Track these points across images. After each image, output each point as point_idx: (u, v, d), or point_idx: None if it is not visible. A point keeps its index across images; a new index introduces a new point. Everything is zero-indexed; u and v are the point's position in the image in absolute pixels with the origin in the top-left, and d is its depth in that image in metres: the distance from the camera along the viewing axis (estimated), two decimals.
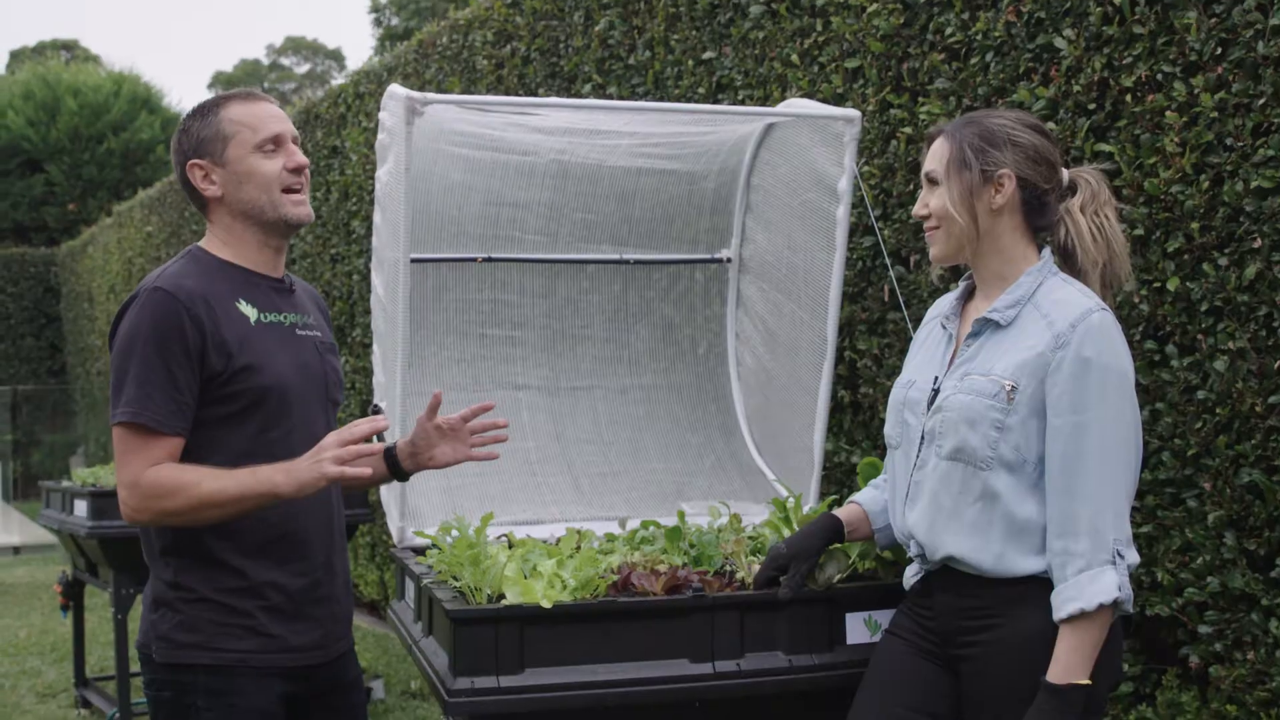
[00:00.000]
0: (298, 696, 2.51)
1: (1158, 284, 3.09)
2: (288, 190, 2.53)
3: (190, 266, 2.50)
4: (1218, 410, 2.97)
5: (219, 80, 48.81)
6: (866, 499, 2.64)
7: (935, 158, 2.44)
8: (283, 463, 2.38)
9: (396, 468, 2.74)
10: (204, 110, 2.56)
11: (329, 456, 2.35)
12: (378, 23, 26.55)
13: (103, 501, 5.53)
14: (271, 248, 2.58)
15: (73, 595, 6.30)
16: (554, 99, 3.55)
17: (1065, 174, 2.44)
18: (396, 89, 3.20)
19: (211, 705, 2.40)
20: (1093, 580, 2.19)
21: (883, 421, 3.92)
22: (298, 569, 2.50)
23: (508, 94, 5.87)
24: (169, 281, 2.43)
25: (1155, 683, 3.22)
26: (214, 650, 2.41)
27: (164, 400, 2.37)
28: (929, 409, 2.41)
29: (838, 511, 2.62)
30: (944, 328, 2.50)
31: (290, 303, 2.60)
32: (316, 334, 2.63)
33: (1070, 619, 2.20)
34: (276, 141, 2.53)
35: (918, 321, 3.63)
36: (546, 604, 2.40)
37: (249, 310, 2.49)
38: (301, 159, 2.56)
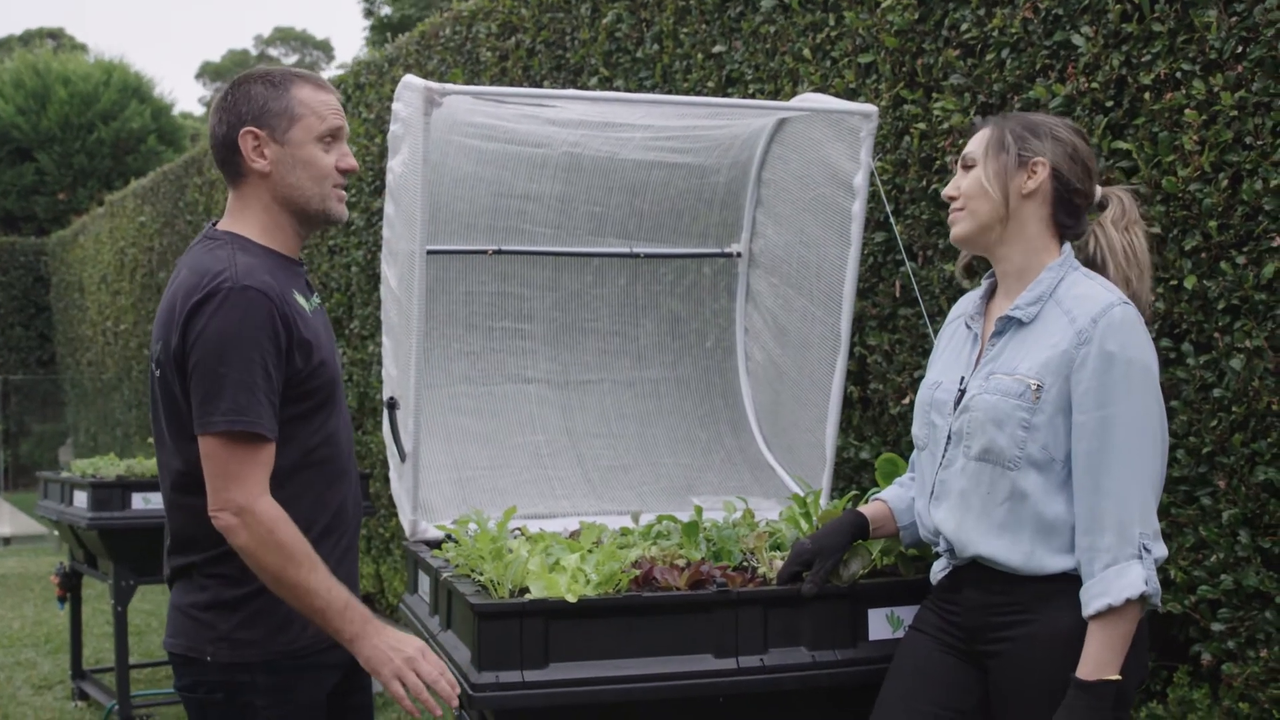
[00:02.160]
0: (333, 691, 2.50)
1: (1174, 282, 3.09)
2: (334, 187, 2.49)
3: (252, 259, 2.38)
4: (1233, 408, 2.97)
5: (206, 71, 48.67)
6: (892, 496, 2.64)
7: (976, 142, 2.48)
8: (369, 620, 2.31)
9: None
10: (273, 80, 2.45)
11: (396, 671, 2.28)
12: (368, 13, 26.45)
13: (103, 493, 5.51)
14: (300, 235, 2.52)
15: (70, 587, 6.27)
16: (572, 91, 3.53)
17: (1099, 189, 2.46)
18: (413, 80, 3.17)
19: (271, 702, 2.37)
20: (1119, 575, 2.20)
21: (893, 418, 3.94)
22: (338, 542, 2.48)
23: (512, 86, 5.86)
24: (252, 279, 2.31)
25: (1167, 680, 3.23)
26: (279, 645, 2.38)
27: (267, 405, 2.29)
28: (955, 409, 2.41)
29: (862, 508, 2.62)
30: (968, 327, 2.50)
31: (309, 285, 2.56)
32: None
33: (1099, 614, 2.20)
34: (335, 135, 2.48)
35: (930, 317, 3.64)
36: (571, 598, 2.40)
37: (302, 301, 2.43)
38: (353, 162, 2.50)
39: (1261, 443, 2.93)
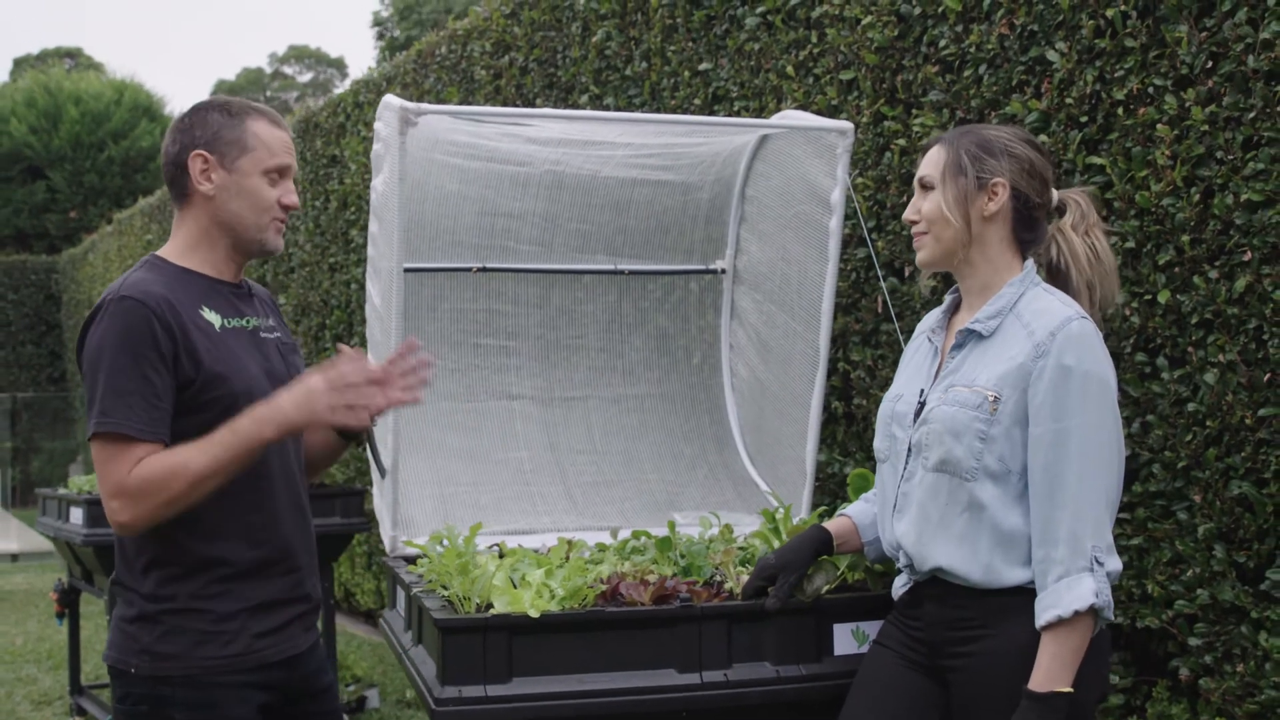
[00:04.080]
0: (272, 706, 2.49)
1: (1148, 296, 3.10)
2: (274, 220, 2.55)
3: (151, 274, 2.47)
4: (1208, 423, 2.97)
5: (221, 89, 48.93)
6: (857, 512, 2.64)
7: (930, 163, 2.46)
8: (260, 410, 2.37)
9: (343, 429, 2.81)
10: (231, 110, 2.54)
11: (329, 406, 2.36)
12: (380, 35, 26.66)
13: (98, 509, 5.53)
14: (236, 261, 2.58)
15: (69, 603, 6.30)
16: (548, 110, 3.56)
17: (1055, 194, 2.46)
18: (391, 99, 3.21)
19: (192, 718, 2.38)
20: (1070, 587, 2.20)
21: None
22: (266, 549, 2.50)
23: (505, 104, 5.89)
24: (135, 289, 2.41)
25: (1145, 695, 3.22)
26: (196, 661, 2.39)
27: (142, 408, 2.34)
28: (915, 421, 2.41)
29: (827, 524, 2.63)
30: (930, 341, 2.51)
31: (251, 307, 2.60)
32: (277, 335, 2.64)
33: (1050, 626, 2.20)
34: (282, 173, 2.55)
35: (910, 333, 3.65)
36: (534, 613, 2.41)
37: (212, 317, 2.48)
38: (295, 200, 2.57)
39: (1235, 457, 2.93)
